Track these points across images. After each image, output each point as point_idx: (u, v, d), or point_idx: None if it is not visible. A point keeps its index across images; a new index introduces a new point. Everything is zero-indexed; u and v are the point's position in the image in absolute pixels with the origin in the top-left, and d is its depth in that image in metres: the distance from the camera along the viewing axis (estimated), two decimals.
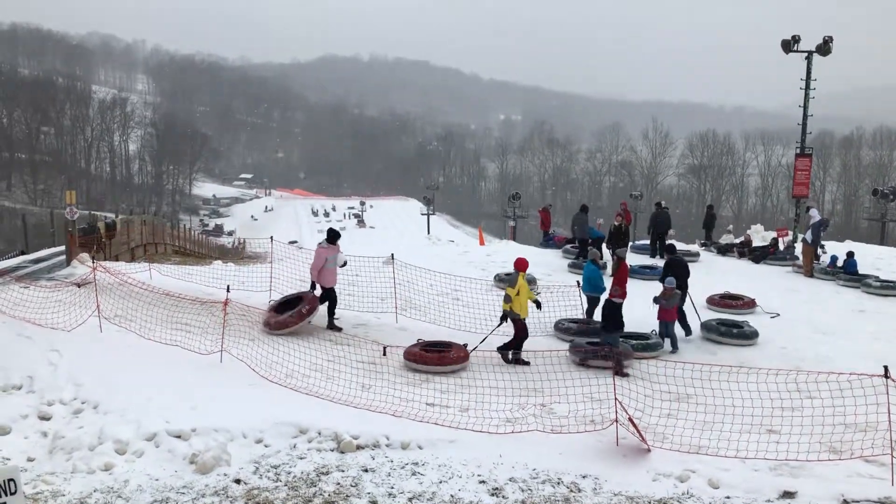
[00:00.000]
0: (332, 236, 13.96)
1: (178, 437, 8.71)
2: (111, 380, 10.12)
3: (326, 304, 13.76)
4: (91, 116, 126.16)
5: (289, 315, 13.11)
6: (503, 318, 12.42)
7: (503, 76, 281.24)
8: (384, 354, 11.93)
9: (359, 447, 8.79)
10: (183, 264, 21.84)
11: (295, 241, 58.30)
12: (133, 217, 30.38)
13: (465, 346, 12.03)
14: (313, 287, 13.75)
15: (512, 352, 12.11)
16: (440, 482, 8.03)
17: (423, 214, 76.15)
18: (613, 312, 12.30)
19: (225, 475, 8.08)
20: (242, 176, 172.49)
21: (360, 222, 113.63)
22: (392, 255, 16.10)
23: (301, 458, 8.52)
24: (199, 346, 11.83)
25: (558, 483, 8.06)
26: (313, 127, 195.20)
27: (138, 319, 12.82)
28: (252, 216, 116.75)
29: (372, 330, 13.89)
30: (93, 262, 14.93)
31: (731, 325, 13.89)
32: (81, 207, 29.80)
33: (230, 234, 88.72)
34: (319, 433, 9.04)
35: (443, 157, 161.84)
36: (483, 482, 8.05)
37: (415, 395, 10.34)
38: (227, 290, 12.57)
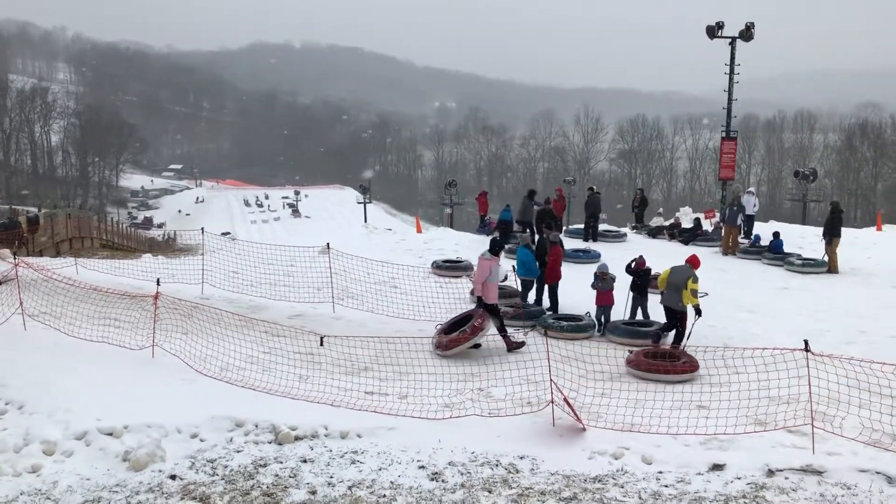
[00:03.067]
0: (495, 247, 12.81)
1: (110, 434, 8.49)
2: (38, 379, 9.77)
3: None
4: (9, 107, 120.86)
5: (460, 332, 12.07)
6: (698, 313, 12.05)
7: (438, 63, 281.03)
8: (321, 345, 11.83)
9: (297, 438, 8.73)
10: (111, 258, 21.23)
11: (228, 233, 57.30)
12: (57, 211, 29.33)
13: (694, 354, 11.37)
14: (480, 303, 12.60)
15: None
16: (380, 469, 8.04)
17: (359, 203, 75.34)
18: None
19: (160, 471, 7.93)
20: (172, 167, 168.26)
21: (295, 212, 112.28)
22: (328, 244, 15.98)
23: (238, 452, 8.41)
24: (130, 342, 11.54)
25: (496, 465, 8.17)
26: (245, 115, 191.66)
27: (65, 316, 12.42)
28: (180, 210, 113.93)
29: (308, 320, 13.77)
30: (14, 258, 14.38)
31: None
32: (1, 202, 28.61)
33: (160, 226, 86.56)
34: (257, 426, 8.94)
35: (379, 145, 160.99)
36: (423, 467, 8.09)
37: (353, 384, 10.31)
38: (158, 284, 12.28)
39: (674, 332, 12.40)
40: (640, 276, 13.78)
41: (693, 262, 12.45)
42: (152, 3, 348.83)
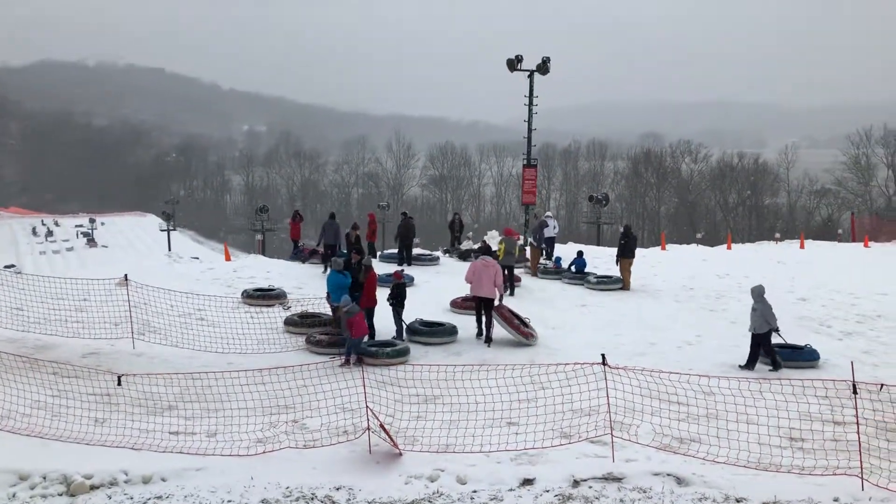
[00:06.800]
0: (488, 251, 16.27)
1: None
2: None
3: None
4: None
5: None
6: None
7: (245, 86, 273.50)
8: (119, 384, 10.98)
9: (93, 487, 8.04)
10: None
11: (13, 266, 52.00)
12: None
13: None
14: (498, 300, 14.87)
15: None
16: None
17: (162, 231, 71.67)
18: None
19: None
20: None
21: (91, 241, 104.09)
22: (126, 275, 14.96)
23: None
24: None
25: (312, 498, 7.97)
26: (31, 138, 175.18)
27: None
28: None
29: (105, 358, 12.82)
30: None
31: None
32: None
33: None
34: (45, 477, 8.13)
35: (183, 169, 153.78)
36: None
37: (156, 424, 9.69)
38: None
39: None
40: (397, 288, 14.81)
41: (512, 233, 19.76)
42: None
